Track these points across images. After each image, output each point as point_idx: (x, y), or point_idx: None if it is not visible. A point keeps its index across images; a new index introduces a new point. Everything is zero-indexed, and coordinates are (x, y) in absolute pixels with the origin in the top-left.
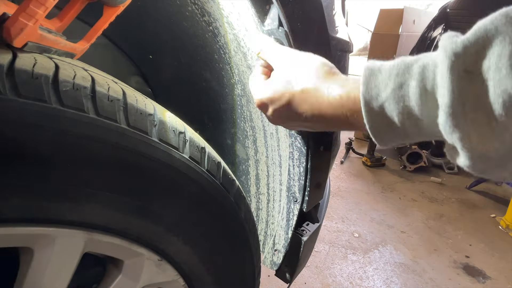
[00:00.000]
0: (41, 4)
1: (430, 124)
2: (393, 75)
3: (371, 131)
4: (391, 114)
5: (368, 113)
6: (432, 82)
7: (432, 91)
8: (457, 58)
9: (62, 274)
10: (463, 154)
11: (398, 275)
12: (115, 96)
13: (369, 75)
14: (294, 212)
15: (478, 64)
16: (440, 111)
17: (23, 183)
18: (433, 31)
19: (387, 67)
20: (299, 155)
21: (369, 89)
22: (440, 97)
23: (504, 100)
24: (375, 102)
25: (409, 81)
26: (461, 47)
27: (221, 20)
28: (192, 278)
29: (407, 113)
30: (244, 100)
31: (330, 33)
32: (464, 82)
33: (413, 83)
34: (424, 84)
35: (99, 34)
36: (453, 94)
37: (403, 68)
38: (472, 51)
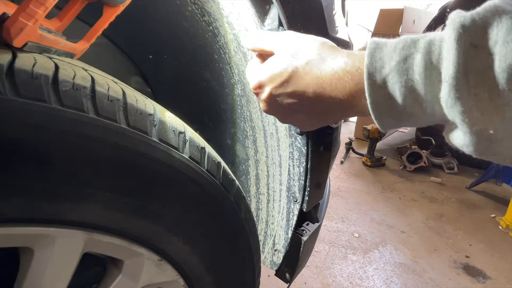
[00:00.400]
0: (41, 4)
1: (431, 101)
2: (398, 48)
3: (371, 107)
4: (393, 88)
5: (370, 86)
6: (437, 56)
7: (437, 64)
8: (464, 30)
9: (62, 274)
10: (462, 129)
11: (398, 275)
12: (115, 96)
13: (374, 48)
14: (294, 212)
15: (485, 38)
16: (444, 83)
17: (23, 183)
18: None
19: (393, 41)
20: (299, 155)
21: (373, 61)
22: (444, 70)
23: (509, 74)
24: (378, 75)
25: (414, 54)
26: (469, 20)
27: (221, 20)
28: (192, 278)
29: (410, 87)
30: (244, 100)
31: (330, 33)
32: (470, 55)
33: (418, 56)
34: (430, 57)
35: (99, 34)
36: (458, 66)
37: (409, 43)
38: (481, 24)
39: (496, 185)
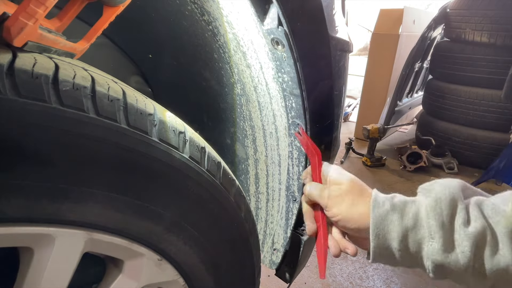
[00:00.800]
0: (41, 4)
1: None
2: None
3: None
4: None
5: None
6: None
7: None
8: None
9: (62, 274)
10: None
11: (398, 275)
12: (115, 96)
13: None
14: (293, 211)
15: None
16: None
17: (23, 183)
18: (433, 31)
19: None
20: (298, 155)
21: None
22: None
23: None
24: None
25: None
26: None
27: (221, 19)
28: (192, 278)
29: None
30: (244, 99)
31: (330, 33)
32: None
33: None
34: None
35: (99, 34)
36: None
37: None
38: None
39: (496, 185)
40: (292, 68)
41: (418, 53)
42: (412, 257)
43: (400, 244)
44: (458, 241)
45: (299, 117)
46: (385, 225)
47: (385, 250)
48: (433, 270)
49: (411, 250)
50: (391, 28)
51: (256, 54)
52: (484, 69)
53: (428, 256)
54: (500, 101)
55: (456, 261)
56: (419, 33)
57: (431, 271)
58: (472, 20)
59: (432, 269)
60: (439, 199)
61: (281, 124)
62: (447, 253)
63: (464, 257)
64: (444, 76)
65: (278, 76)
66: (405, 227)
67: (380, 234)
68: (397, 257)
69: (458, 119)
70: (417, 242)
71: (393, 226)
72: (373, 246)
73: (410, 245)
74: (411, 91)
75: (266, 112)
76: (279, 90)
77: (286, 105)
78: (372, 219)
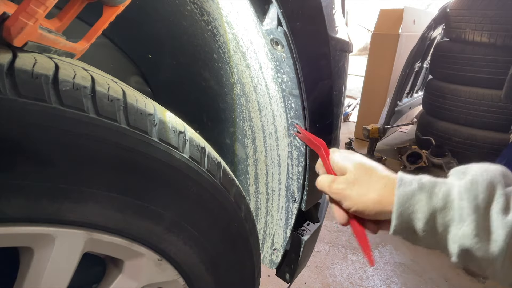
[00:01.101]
0: (41, 4)
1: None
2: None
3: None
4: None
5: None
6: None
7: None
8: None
9: (62, 274)
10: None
11: (398, 275)
12: (115, 96)
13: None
14: (293, 211)
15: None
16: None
17: (23, 183)
18: (433, 31)
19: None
20: (298, 155)
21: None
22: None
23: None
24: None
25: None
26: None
27: (220, 20)
28: (192, 278)
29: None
30: (243, 99)
31: (330, 33)
32: None
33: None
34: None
35: (99, 34)
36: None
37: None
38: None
39: None
40: (292, 69)
41: (418, 53)
42: (436, 239)
43: (426, 225)
44: (492, 228)
45: (298, 117)
46: (410, 204)
47: (408, 229)
48: (458, 254)
49: (436, 232)
50: (391, 28)
51: (256, 54)
52: (484, 69)
53: (455, 240)
54: (500, 101)
55: (486, 250)
56: (419, 33)
57: (456, 255)
58: (472, 20)
59: (457, 254)
60: (475, 182)
61: (281, 124)
62: (477, 239)
63: (496, 246)
64: (444, 76)
65: (278, 77)
66: (433, 208)
67: (404, 213)
68: (420, 237)
69: (458, 119)
70: (444, 225)
71: (420, 206)
72: (394, 225)
73: (437, 227)
74: (411, 91)
75: (265, 112)
76: (278, 91)
77: (286, 105)
78: (397, 197)
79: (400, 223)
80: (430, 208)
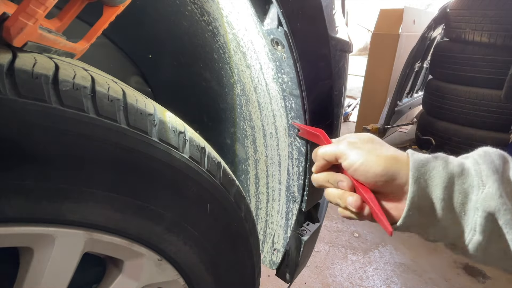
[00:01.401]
0: (41, 4)
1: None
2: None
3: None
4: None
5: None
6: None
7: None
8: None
9: (62, 274)
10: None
11: (398, 275)
12: (115, 96)
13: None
14: (293, 211)
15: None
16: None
17: (23, 183)
18: (433, 31)
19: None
20: (298, 155)
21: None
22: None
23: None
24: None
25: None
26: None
27: (221, 20)
28: (192, 278)
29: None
30: (244, 99)
31: (330, 33)
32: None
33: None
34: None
35: (99, 34)
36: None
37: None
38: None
39: None
40: (292, 69)
41: (418, 53)
42: (456, 211)
43: (444, 191)
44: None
45: (299, 118)
46: (426, 170)
47: (425, 199)
48: (483, 226)
49: (455, 201)
50: (391, 28)
51: (256, 55)
52: (484, 69)
53: (478, 206)
54: (500, 101)
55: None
56: (419, 33)
57: (480, 226)
58: (472, 20)
59: (481, 225)
60: (487, 151)
61: (281, 124)
62: (502, 200)
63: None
64: (444, 76)
65: (278, 77)
66: (451, 173)
67: (421, 178)
68: (438, 211)
69: (458, 119)
70: (463, 192)
71: (437, 171)
72: (411, 192)
73: (456, 195)
74: (411, 91)
75: (266, 112)
76: (279, 91)
77: (286, 105)
78: (412, 162)
79: (418, 190)
80: (448, 173)
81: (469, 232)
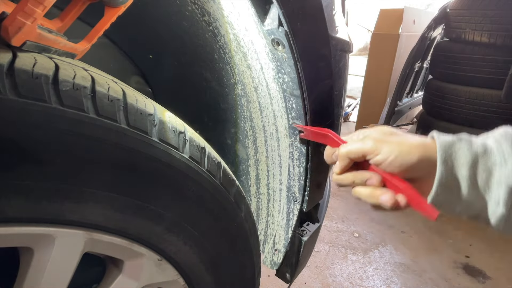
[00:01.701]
0: (39, 3)
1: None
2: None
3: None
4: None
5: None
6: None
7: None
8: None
9: (62, 274)
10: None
11: (398, 275)
12: (115, 96)
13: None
14: (294, 212)
15: None
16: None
17: (23, 183)
18: (433, 31)
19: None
20: (299, 155)
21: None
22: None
23: None
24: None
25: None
26: None
27: (221, 20)
28: (192, 278)
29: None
30: (244, 100)
31: (330, 33)
32: None
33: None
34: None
35: (100, 34)
36: None
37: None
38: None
39: None
40: (293, 69)
41: (418, 53)
42: (480, 187)
43: (469, 170)
44: None
45: (299, 118)
46: (453, 151)
47: (452, 178)
48: (506, 200)
49: (479, 178)
50: (391, 28)
51: (257, 55)
52: (484, 69)
53: (501, 182)
54: (500, 101)
55: None
56: (419, 33)
57: (503, 201)
58: (472, 20)
59: (504, 199)
60: (507, 132)
61: (282, 124)
62: None
63: None
64: (444, 76)
65: (279, 77)
66: (475, 153)
67: (448, 159)
68: (463, 188)
69: (458, 119)
70: (487, 170)
71: (462, 152)
72: (440, 172)
73: (480, 173)
74: (411, 91)
75: (266, 112)
76: (279, 91)
77: (287, 105)
78: (439, 145)
79: (446, 170)
80: (472, 153)
81: (493, 205)
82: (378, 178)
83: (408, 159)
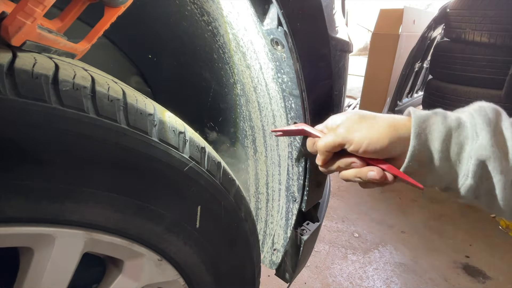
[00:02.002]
0: (39, 3)
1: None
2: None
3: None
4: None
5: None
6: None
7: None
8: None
9: (62, 274)
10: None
11: (398, 275)
12: (115, 96)
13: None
14: (293, 211)
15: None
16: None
17: (23, 183)
18: (433, 31)
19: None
20: (298, 155)
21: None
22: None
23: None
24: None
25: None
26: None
27: (221, 20)
28: (192, 278)
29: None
30: (244, 100)
31: (330, 33)
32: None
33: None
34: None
35: (100, 34)
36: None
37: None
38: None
39: None
40: (292, 69)
41: (418, 53)
42: (452, 160)
43: (442, 144)
44: (508, 143)
45: (298, 118)
46: (427, 125)
47: (425, 151)
48: (474, 172)
49: (452, 152)
50: (391, 28)
51: (256, 55)
52: (484, 69)
53: (471, 155)
54: (500, 101)
55: (502, 164)
56: (419, 33)
57: (472, 173)
58: (472, 20)
59: (473, 172)
60: (482, 106)
61: (281, 124)
62: (493, 149)
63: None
64: (444, 76)
65: (278, 77)
66: (449, 127)
67: (421, 133)
68: (436, 161)
69: None
70: (459, 143)
71: (436, 126)
72: (412, 146)
73: (452, 147)
74: (411, 91)
75: (265, 112)
76: (278, 91)
77: (286, 105)
78: (414, 119)
79: (418, 144)
80: (446, 126)
81: (462, 177)
82: (361, 160)
83: (380, 144)
